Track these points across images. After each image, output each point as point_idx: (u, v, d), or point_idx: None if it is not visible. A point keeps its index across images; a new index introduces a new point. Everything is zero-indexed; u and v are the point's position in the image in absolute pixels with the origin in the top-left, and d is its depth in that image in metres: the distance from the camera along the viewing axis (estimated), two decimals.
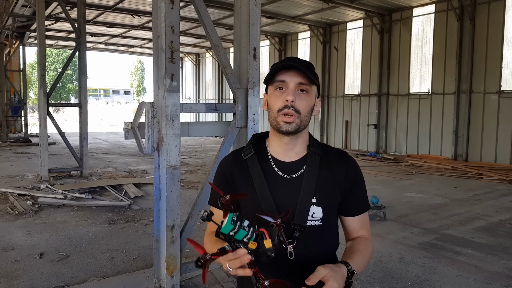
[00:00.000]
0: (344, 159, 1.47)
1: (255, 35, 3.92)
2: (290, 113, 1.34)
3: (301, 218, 1.36)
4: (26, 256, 4.62)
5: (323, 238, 1.41)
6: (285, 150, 1.44)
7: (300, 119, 1.36)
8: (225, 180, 1.48)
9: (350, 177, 1.45)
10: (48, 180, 8.78)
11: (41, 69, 9.08)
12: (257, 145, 1.50)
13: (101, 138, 20.88)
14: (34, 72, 43.12)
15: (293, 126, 1.36)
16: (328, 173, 1.42)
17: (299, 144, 1.44)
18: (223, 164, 1.53)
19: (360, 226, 1.49)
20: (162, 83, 3.42)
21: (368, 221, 1.53)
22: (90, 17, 16.54)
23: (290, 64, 1.35)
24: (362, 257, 1.38)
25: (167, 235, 3.50)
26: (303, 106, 1.36)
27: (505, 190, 8.81)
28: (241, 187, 1.44)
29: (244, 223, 1.09)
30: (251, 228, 1.09)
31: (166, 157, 3.43)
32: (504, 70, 12.21)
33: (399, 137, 15.14)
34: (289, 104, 1.34)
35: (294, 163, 1.43)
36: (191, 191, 8.20)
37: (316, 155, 1.43)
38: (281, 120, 1.36)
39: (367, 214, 1.52)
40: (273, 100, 1.39)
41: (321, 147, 1.47)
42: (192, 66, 27.58)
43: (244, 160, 1.46)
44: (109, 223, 5.95)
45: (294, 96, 1.34)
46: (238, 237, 1.08)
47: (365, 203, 1.51)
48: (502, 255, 4.87)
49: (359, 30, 16.49)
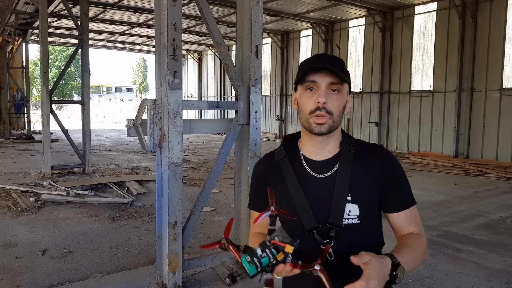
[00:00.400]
0: (379, 153, 1.42)
1: (257, 32, 3.93)
2: (322, 114, 1.31)
3: (337, 217, 1.33)
4: (29, 253, 4.66)
5: (363, 237, 1.37)
6: (317, 149, 1.41)
7: (333, 120, 1.33)
8: (260, 183, 1.49)
9: (387, 171, 1.39)
10: (51, 177, 8.82)
11: (43, 66, 9.10)
12: (289, 147, 1.48)
13: (104, 135, 20.92)
14: (37, 69, 43.24)
15: (325, 127, 1.33)
16: (362, 169, 1.38)
17: (332, 142, 1.41)
18: (256, 168, 1.53)
19: (407, 223, 1.40)
20: (164, 81, 3.44)
21: (418, 217, 1.44)
22: (93, 15, 16.55)
23: (321, 65, 1.31)
24: (411, 252, 1.30)
25: (169, 232, 3.52)
26: (335, 107, 1.33)
27: (506, 188, 8.81)
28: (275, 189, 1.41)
29: (258, 253, 1.11)
30: (266, 251, 1.11)
31: (168, 154, 3.45)
32: (506, 68, 12.18)
33: (400, 135, 15.13)
34: (321, 106, 1.31)
35: (326, 162, 1.41)
36: (193, 188, 8.23)
37: (350, 152, 1.39)
38: (313, 121, 1.33)
39: (415, 210, 1.43)
40: (304, 101, 1.36)
41: (355, 143, 1.43)
42: (195, 63, 27.59)
43: (277, 162, 1.45)
44: (112, 220, 5.98)
45: (326, 97, 1.31)
46: (265, 263, 1.11)
47: (409, 197, 1.42)
48: (503, 252, 4.88)
49: (361, 28, 16.47)
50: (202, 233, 5.46)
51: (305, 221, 1.35)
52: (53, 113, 9.17)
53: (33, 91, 44.99)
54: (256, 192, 1.53)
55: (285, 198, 1.39)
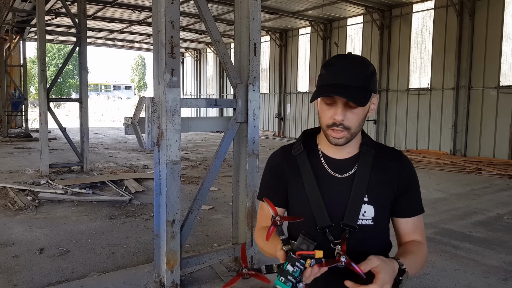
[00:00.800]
0: (399, 158, 1.42)
1: (256, 30, 3.93)
2: (339, 130, 1.28)
3: (352, 218, 1.32)
4: (26, 252, 4.65)
5: (375, 238, 1.37)
6: (337, 148, 1.38)
7: (351, 133, 1.30)
8: (274, 175, 1.46)
9: (404, 176, 1.39)
10: (49, 175, 8.80)
11: (41, 64, 9.08)
12: (307, 141, 1.45)
13: (102, 133, 20.89)
14: (35, 67, 43.02)
15: (342, 140, 1.30)
16: (381, 172, 1.37)
17: (352, 143, 1.38)
18: (272, 160, 1.49)
19: (413, 230, 1.42)
20: (162, 78, 3.44)
21: (423, 226, 1.46)
22: (91, 12, 16.51)
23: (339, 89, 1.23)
24: (415, 259, 1.31)
25: (167, 230, 3.52)
26: (353, 121, 1.29)
27: (503, 185, 8.84)
28: (290, 184, 1.42)
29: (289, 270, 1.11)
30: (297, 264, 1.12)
31: (166, 152, 3.45)
32: (503, 66, 12.21)
33: (398, 132, 15.15)
34: (338, 123, 1.28)
35: (345, 161, 1.39)
36: (191, 186, 8.23)
37: (369, 154, 1.38)
38: (330, 134, 1.31)
39: (421, 219, 1.45)
40: (322, 112, 1.32)
41: (375, 146, 1.41)
42: (193, 61, 27.54)
43: (294, 156, 1.42)
44: (110, 218, 5.98)
45: (343, 114, 1.26)
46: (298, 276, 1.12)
47: (420, 205, 1.44)
48: (500, 249, 4.90)
49: (359, 26, 16.46)
50: (201, 231, 5.46)
51: (318, 219, 1.33)
52: (50, 111, 9.15)
53: (31, 89, 44.91)
54: (269, 185, 1.49)
55: (301, 195, 1.37)
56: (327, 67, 1.29)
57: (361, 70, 1.26)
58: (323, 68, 1.30)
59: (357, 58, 1.29)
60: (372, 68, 1.30)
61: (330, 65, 1.29)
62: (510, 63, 12.12)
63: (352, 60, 1.28)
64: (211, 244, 5.00)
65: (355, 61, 1.28)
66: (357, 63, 1.28)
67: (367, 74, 1.27)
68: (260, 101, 4.09)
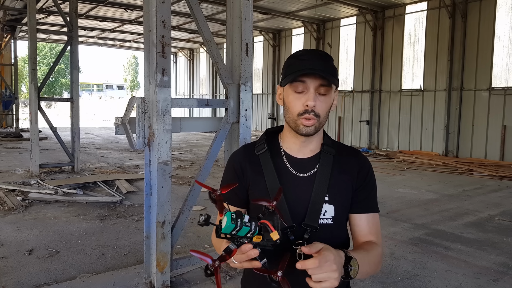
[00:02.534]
0: (358, 157, 1.45)
1: (248, 30, 3.91)
2: (310, 117, 1.31)
3: (313, 218, 1.33)
4: (15, 253, 4.59)
5: (334, 238, 1.36)
6: (300, 147, 1.41)
7: (319, 122, 1.33)
8: (236, 174, 1.44)
9: (362, 173, 1.42)
10: (39, 175, 8.71)
11: (32, 63, 8.99)
12: (270, 140, 1.46)
13: (94, 133, 20.75)
14: (26, 66, 42.61)
15: (311, 129, 1.32)
16: (341, 171, 1.39)
17: (315, 141, 1.41)
18: (234, 158, 1.48)
19: (368, 229, 1.41)
20: (153, 78, 3.41)
21: (379, 227, 1.45)
22: (83, 11, 16.39)
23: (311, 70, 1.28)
24: (366, 255, 1.30)
25: (158, 231, 3.49)
26: (322, 109, 1.33)
27: (494, 186, 8.90)
28: (252, 183, 1.41)
29: (244, 219, 1.05)
30: (252, 223, 1.06)
31: (157, 152, 3.41)
32: (495, 67, 12.30)
33: (391, 133, 15.21)
34: (310, 109, 1.30)
35: (307, 160, 1.40)
36: (183, 186, 8.18)
37: (330, 154, 1.40)
38: (301, 123, 1.32)
39: (378, 218, 1.44)
40: (291, 101, 1.34)
41: (335, 146, 1.44)
42: (186, 61, 27.45)
43: (256, 155, 1.42)
44: (100, 219, 5.92)
45: (315, 100, 1.30)
46: (241, 233, 1.06)
47: (375, 204, 1.44)
48: (491, 250, 4.92)
49: (352, 27, 16.50)
50: (192, 232, 5.43)
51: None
52: (41, 111, 9.06)
53: (22, 88, 44.47)
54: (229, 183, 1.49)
55: (263, 194, 1.36)
56: (296, 57, 1.34)
57: (326, 60, 1.33)
58: (292, 58, 1.35)
59: (322, 51, 1.37)
60: (333, 62, 1.36)
61: (299, 55, 1.34)
62: (501, 65, 12.22)
63: (318, 52, 1.35)
64: (203, 245, 4.97)
65: (321, 53, 1.35)
66: (323, 54, 1.35)
67: (332, 65, 1.34)
68: (253, 102, 4.08)
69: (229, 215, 1.03)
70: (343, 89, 16.88)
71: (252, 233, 1.06)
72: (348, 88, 16.67)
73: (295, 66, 1.31)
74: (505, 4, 12.10)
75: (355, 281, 4.00)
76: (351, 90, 16.52)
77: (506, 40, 12.08)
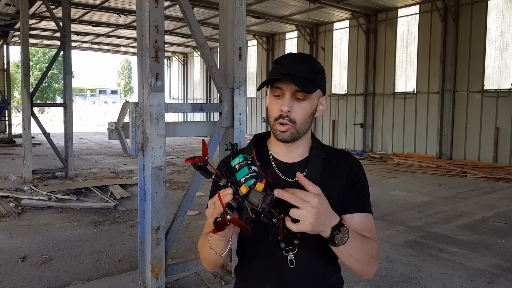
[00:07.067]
0: (348, 158, 1.42)
1: (241, 34, 3.91)
2: (285, 122, 1.30)
3: None
4: (8, 260, 4.54)
5: (325, 244, 1.32)
6: (286, 151, 1.39)
7: (296, 129, 1.31)
8: None
9: (353, 173, 1.39)
10: (32, 181, 8.64)
11: (24, 68, 8.93)
12: (258, 146, 1.45)
13: (87, 138, 20.64)
14: (19, 71, 42.37)
15: (287, 135, 1.31)
16: (331, 175, 1.37)
17: (302, 146, 1.39)
18: (223, 164, 1.45)
19: (361, 228, 1.35)
20: (146, 83, 3.39)
21: (374, 227, 1.39)
22: (76, 16, 16.33)
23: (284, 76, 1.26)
24: (360, 239, 1.26)
25: (152, 237, 3.46)
26: (299, 115, 1.30)
27: (488, 188, 8.95)
28: None
29: (252, 167, 1.09)
30: (255, 174, 1.08)
31: (150, 157, 3.39)
32: (487, 70, 12.41)
33: (385, 136, 15.27)
34: (284, 114, 1.29)
35: (296, 165, 1.38)
36: (178, 191, 8.14)
37: (319, 157, 1.38)
38: (277, 129, 1.32)
39: (371, 219, 1.40)
40: (270, 106, 1.34)
41: (324, 149, 1.42)
42: (180, 65, 27.43)
43: None
44: (94, 225, 5.88)
45: (290, 105, 1.28)
46: (239, 175, 1.08)
47: (367, 204, 1.41)
48: (485, 252, 4.94)
49: (345, 30, 16.59)
50: (187, 237, 5.40)
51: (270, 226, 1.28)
52: (34, 116, 9.00)
53: (15, 94, 44.19)
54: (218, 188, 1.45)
55: None
56: (279, 61, 1.33)
57: (308, 64, 1.30)
58: (274, 62, 1.34)
59: (306, 55, 1.34)
60: (320, 67, 1.33)
61: (280, 59, 1.33)
62: (493, 67, 12.33)
63: (300, 56, 1.33)
64: (197, 251, 4.94)
65: (303, 57, 1.32)
66: (306, 58, 1.32)
67: (314, 69, 1.30)
68: (247, 105, 4.05)
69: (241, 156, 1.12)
70: (337, 92, 16.94)
71: (246, 178, 1.09)
72: (342, 91, 16.73)
73: (274, 70, 1.31)
74: (496, 7, 12.23)
75: (350, 284, 3.99)
76: (345, 93, 16.58)
77: (497, 43, 12.19)
